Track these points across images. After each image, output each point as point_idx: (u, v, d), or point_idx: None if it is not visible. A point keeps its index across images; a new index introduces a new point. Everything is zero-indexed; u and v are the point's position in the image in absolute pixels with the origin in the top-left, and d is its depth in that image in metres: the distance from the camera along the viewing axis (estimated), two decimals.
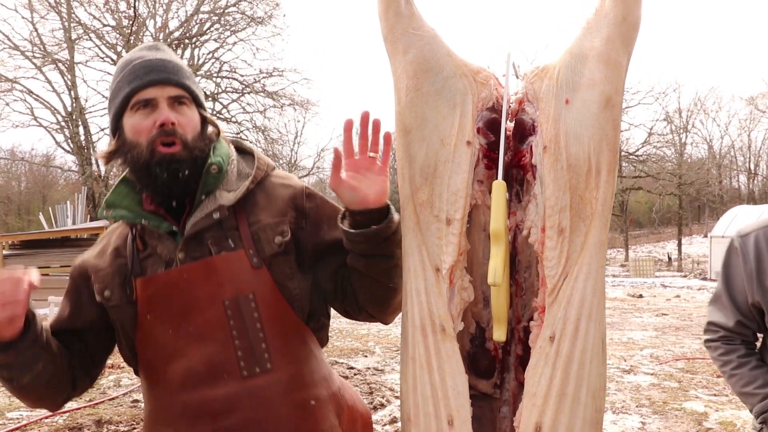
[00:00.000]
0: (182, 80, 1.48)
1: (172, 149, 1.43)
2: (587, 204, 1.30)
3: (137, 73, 1.46)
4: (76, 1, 27.79)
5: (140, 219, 1.48)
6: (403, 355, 1.39)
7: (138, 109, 1.45)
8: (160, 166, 1.42)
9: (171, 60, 1.50)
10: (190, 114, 1.49)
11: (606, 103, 1.31)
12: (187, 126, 1.46)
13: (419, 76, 1.38)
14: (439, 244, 1.33)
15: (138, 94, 1.44)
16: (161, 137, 1.43)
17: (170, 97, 1.46)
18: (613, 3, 1.35)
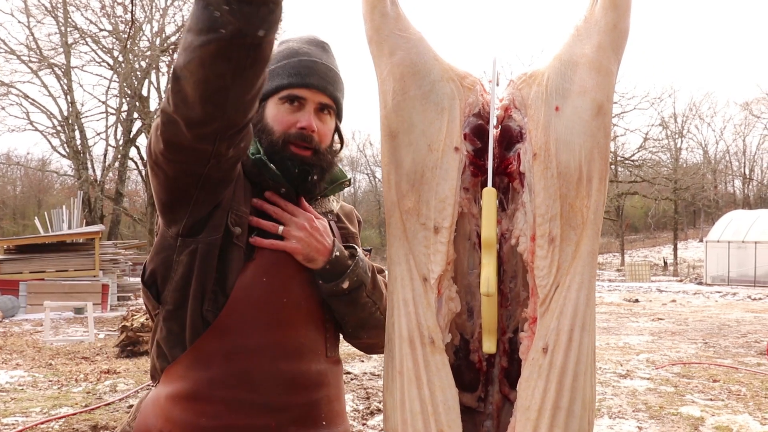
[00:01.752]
0: (335, 92, 1.53)
1: (304, 152, 1.49)
2: (578, 212, 1.27)
3: (301, 70, 1.49)
4: (72, 6, 27.76)
5: (281, 180, 1.49)
6: (389, 368, 1.34)
7: (286, 101, 1.49)
8: (292, 161, 1.48)
9: (333, 69, 1.55)
10: (330, 124, 1.55)
11: (598, 111, 1.28)
12: (324, 135, 1.52)
13: (406, 79, 1.34)
14: (426, 253, 1.29)
15: (293, 89, 1.48)
16: (298, 139, 1.48)
17: (319, 103, 1.50)
18: (603, 11, 1.32)
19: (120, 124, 29.28)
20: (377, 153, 55.63)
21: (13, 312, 13.79)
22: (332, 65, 1.55)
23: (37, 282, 15.13)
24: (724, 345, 9.53)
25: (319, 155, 1.51)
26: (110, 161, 29.60)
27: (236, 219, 1.44)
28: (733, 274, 24.51)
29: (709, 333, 10.87)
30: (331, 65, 1.55)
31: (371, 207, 57.98)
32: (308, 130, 1.47)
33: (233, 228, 1.43)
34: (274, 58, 1.52)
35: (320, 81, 1.50)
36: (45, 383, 6.97)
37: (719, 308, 15.42)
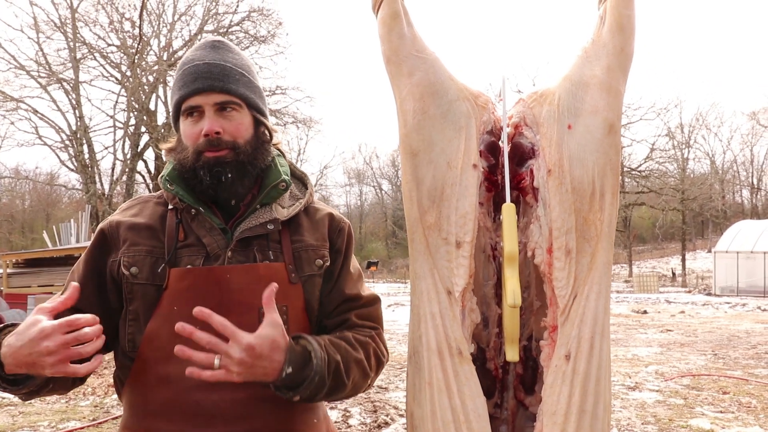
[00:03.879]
0: (228, 85, 1.46)
1: (219, 152, 1.43)
2: (591, 225, 1.33)
3: (186, 79, 1.47)
4: (81, 22, 28.08)
5: (198, 205, 1.46)
6: (417, 380, 1.38)
7: (188, 115, 1.47)
8: (203, 169, 1.43)
9: (224, 64, 1.48)
10: (239, 118, 1.47)
11: (609, 129, 1.35)
12: (235, 132, 1.45)
13: (426, 99, 1.40)
14: (449, 267, 1.35)
15: (185, 101, 1.46)
16: (207, 146, 1.43)
17: (216, 103, 1.45)
18: (610, 34, 1.40)
19: (128, 138, 29.49)
20: (383, 165, 55.74)
21: None
22: (223, 60, 1.48)
23: (45, 296, 15.18)
24: (733, 356, 9.48)
25: (236, 151, 1.44)
26: (118, 175, 29.79)
27: (129, 260, 1.44)
28: (742, 284, 24.39)
29: (718, 344, 10.82)
30: (222, 61, 1.48)
31: (378, 219, 58.04)
32: (211, 134, 1.42)
33: (128, 271, 1.43)
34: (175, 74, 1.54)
35: (207, 82, 1.44)
36: (53, 398, 6.99)
37: (728, 319, 15.34)
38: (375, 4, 1.48)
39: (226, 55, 1.50)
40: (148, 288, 1.42)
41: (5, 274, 15.77)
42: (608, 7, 1.43)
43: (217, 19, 30.24)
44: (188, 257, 1.44)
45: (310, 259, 1.50)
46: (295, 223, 1.54)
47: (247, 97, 1.49)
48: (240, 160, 1.44)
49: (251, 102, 1.50)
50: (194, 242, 1.46)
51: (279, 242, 1.49)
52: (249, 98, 1.49)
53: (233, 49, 1.53)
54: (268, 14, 30.10)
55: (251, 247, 1.47)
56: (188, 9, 30.04)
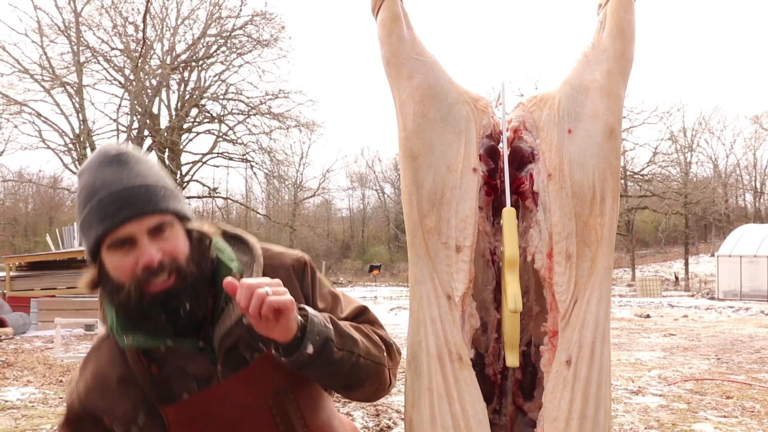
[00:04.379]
0: (159, 205, 1.32)
1: (166, 283, 1.29)
2: (591, 230, 1.33)
3: (107, 210, 1.29)
4: (84, 25, 28.17)
5: (164, 341, 1.33)
6: (416, 386, 1.37)
7: (115, 248, 1.30)
8: (155, 306, 1.29)
9: (141, 183, 1.32)
10: (175, 236, 1.33)
11: (610, 134, 1.35)
12: (173, 251, 1.31)
13: (426, 102, 1.39)
14: (449, 271, 1.34)
15: (111, 234, 1.29)
16: (150, 278, 1.28)
17: (148, 228, 1.30)
18: (611, 38, 1.40)
19: (131, 141, 29.54)
20: (386, 169, 55.76)
21: (24, 329, 13.87)
22: (139, 178, 1.33)
23: (48, 299, 15.22)
24: (737, 361, 9.44)
25: (182, 273, 1.31)
26: None
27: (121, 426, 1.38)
28: (745, 288, 24.31)
29: (721, 348, 10.78)
30: (138, 179, 1.32)
31: (380, 223, 58.04)
32: (152, 265, 1.28)
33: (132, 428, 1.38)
34: (78, 201, 1.37)
35: (133, 209, 1.29)
36: (56, 400, 6.99)
37: (732, 323, 15.29)
38: (375, 7, 1.47)
39: (140, 170, 1.34)
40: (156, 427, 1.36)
41: (8, 277, 15.82)
42: (608, 11, 1.43)
43: (220, 23, 30.33)
44: (179, 388, 1.37)
45: None
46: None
47: (177, 210, 1.36)
48: (189, 283, 1.31)
49: (181, 214, 1.37)
50: (176, 371, 1.38)
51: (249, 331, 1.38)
52: (178, 211, 1.36)
53: (140, 158, 1.38)
54: (271, 18, 30.20)
55: (237, 350, 1.38)
56: (191, 13, 30.14)
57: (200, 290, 1.34)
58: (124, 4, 28.07)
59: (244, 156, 32.87)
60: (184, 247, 1.34)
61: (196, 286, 1.33)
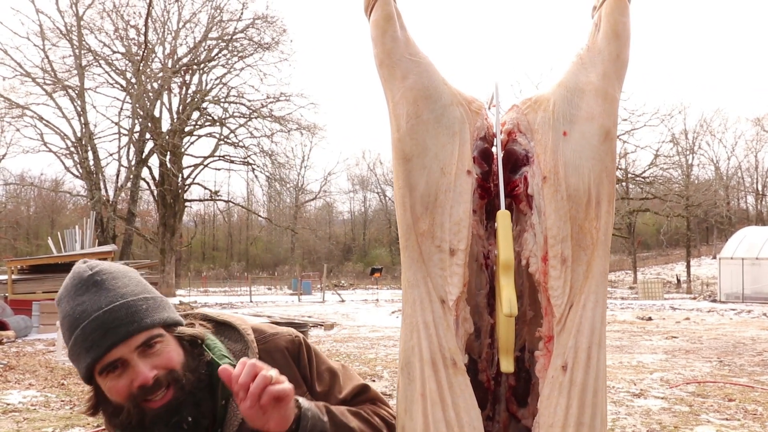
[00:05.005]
0: (143, 322, 1.29)
1: (165, 398, 1.27)
2: (587, 234, 1.31)
3: (91, 338, 1.27)
4: (86, 29, 28.25)
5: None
6: (409, 391, 1.34)
7: (107, 373, 1.28)
8: (158, 424, 1.27)
9: (121, 303, 1.29)
10: (166, 348, 1.31)
11: (606, 136, 1.33)
12: (167, 363, 1.29)
13: (419, 103, 1.37)
14: (442, 275, 1.32)
15: (101, 362, 1.27)
16: (147, 396, 1.27)
17: (136, 348, 1.28)
18: (606, 41, 1.38)
19: (132, 144, 29.59)
20: (387, 172, 55.74)
21: (26, 332, 13.86)
22: (118, 298, 1.30)
23: (50, 302, 15.21)
24: (739, 363, 9.42)
25: (179, 383, 1.29)
26: (122, 181, 29.89)
27: None
28: (747, 291, 24.26)
29: (723, 351, 10.75)
30: (117, 300, 1.30)
31: (381, 225, 58.02)
32: (148, 383, 1.26)
33: None
34: (63, 334, 1.34)
35: (117, 333, 1.26)
36: (57, 403, 6.99)
37: (734, 326, 15.25)
38: (367, 7, 1.45)
39: (117, 289, 1.32)
40: None
41: (10, 280, 15.84)
42: (603, 14, 1.41)
43: (222, 26, 30.39)
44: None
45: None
46: None
47: (163, 320, 1.33)
48: (189, 391, 1.29)
49: (169, 323, 1.35)
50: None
51: None
52: (165, 321, 1.34)
53: (115, 274, 1.35)
54: (273, 21, 30.27)
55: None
56: (193, 16, 30.22)
57: (201, 397, 1.32)
58: (125, 7, 28.17)
59: (246, 159, 32.92)
60: (177, 356, 1.32)
61: (196, 394, 1.31)
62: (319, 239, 53.32)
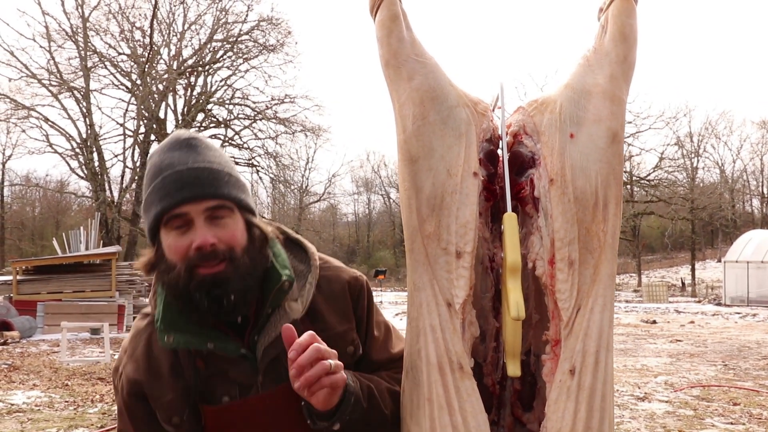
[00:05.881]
0: (219, 190, 1.32)
1: (215, 268, 1.28)
2: (594, 236, 1.30)
3: (168, 188, 1.30)
4: (92, 31, 28.33)
5: (205, 344, 1.32)
6: (415, 396, 1.32)
7: (172, 226, 1.30)
8: (199, 290, 1.28)
9: (206, 166, 1.33)
10: (233, 225, 1.32)
11: (613, 139, 1.32)
12: (230, 240, 1.31)
13: (426, 104, 1.36)
14: (449, 278, 1.30)
15: (170, 212, 1.30)
16: (202, 261, 1.28)
17: (207, 209, 1.30)
18: (613, 43, 1.38)
19: (137, 146, 29.67)
20: (392, 174, 55.73)
21: (30, 332, 13.90)
22: (205, 162, 1.33)
23: (55, 303, 15.26)
24: (744, 367, 9.38)
25: (235, 263, 1.29)
26: (127, 183, 29.96)
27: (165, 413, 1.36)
28: (752, 294, 24.15)
29: (728, 355, 10.71)
30: (203, 163, 1.33)
31: (386, 227, 57.99)
32: (205, 247, 1.27)
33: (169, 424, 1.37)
34: (144, 181, 1.38)
35: (193, 190, 1.29)
36: (61, 404, 7.00)
37: (739, 329, 15.19)
38: (373, 7, 1.44)
39: (207, 154, 1.35)
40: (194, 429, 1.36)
41: (15, 281, 15.86)
42: (610, 16, 1.41)
43: (227, 28, 30.45)
44: (221, 386, 1.36)
45: (341, 349, 1.35)
46: (314, 310, 1.41)
47: (239, 199, 1.35)
48: (240, 274, 1.30)
49: (243, 204, 1.36)
50: (220, 374, 1.36)
51: None
52: (241, 200, 1.36)
53: (210, 145, 1.40)
54: (278, 23, 30.29)
55: (280, 363, 1.34)
56: (198, 18, 30.28)
57: (249, 285, 1.32)
58: (131, 9, 28.25)
59: (250, 160, 32.95)
60: (241, 237, 1.33)
61: (246, 280, 1.31)
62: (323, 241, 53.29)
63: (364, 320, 1.48)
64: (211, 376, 1.36)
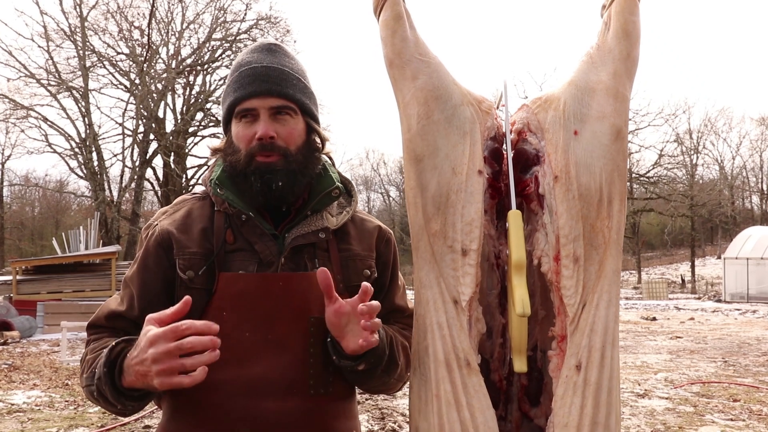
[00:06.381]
0: (285, 90, 1.45)
1: (271, 158, 1.42)
2: (598, 233, 1.31)
3: (242, 81, 1.45)
4: (90, 30, 28.30)
5: (248, 211, 1.44)
6: (423, 393, 1.34)
7: (241, 117, 1.45)
8: (255, 174, 1.41)
9: (281, 68, 1.47)
10: (293, 124, 1.46)
11: (617, 135, 1.33)
12: (288, 137, 1.44)
13: (430, 104, 1.37)
14: (455, 275, 1.32)
15: (240, 104, 1.44)
16: (260, 150, 1.42)
17: (272, 107, 1.43)
18: (616, 39, 1.39)
19: (136, 145, 29.65)
20: (391, 172, 55.74)
21: (30, 332, 13.90)
22: (281, 64, 1.47)
23: (54, 302, 15.26)
24: (744, 363, 9.39)
25: (288, 158, 1.43)
26: (126, 182, 29.95)
27: (185, 263, 1.42)
28: (752, 291, 24.19)
29: (728, 351, 10.73)
30: (279, 65, 1.47)
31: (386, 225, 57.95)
32: (265, 139, 1.41)
33: (184, 274, 1.41)
34: (229, 75, 1.52)
35: (264, 85, 1.43)
36: (62, 403, 7.01)
37: (739, 326, 15.21)
38: (377, 7, 1.45)
39: (283, 59, 1.49)
40: (201, 292, 1.40)
41: (15, 281, 15.86)
42: (613, 12, 1.41)
43: (225, 27, 30.41)
44: (240, 261, 1.43)
45: (357, 268, 1.51)
46: (343, 232, 1.53)
47: (303, 102, 1.48)
48: (291, 168, 1.42)
49: (306, 108, 1.49)
50: (245, 247, 1.44)
51: (327, 251, 1.49)
52: (304, 104, 1.48)
53: (289, 53, 1.53)
54: (276, 22, 30.25)
55: (301, 255, 1.46)
56: (197, 17, 30.24)
57: (297, 179, 1.44)
58: (129, 8, 28.22)
59: None
60: (299, 137, 1.47)
61: (295, 174, 1.44)
62: None
63: (389, 266, 1.60)
64: (236, 251, 1.44)
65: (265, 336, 1.39)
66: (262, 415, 1.37)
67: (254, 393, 1.37)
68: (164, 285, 1.45)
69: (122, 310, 1.46)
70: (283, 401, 1.38)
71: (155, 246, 1.46)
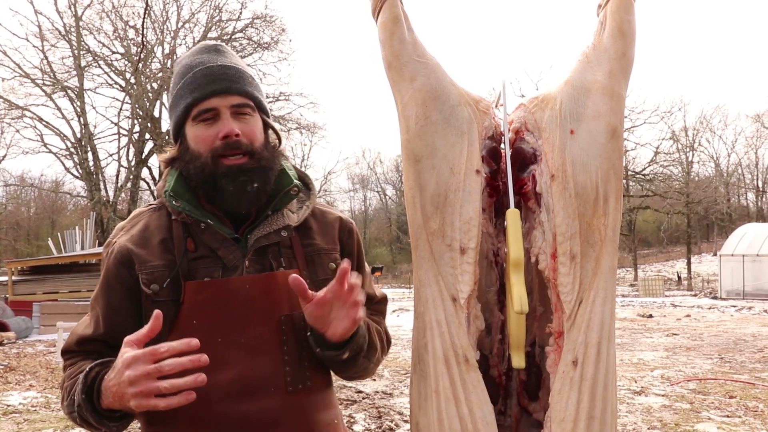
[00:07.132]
0: (245, 88, 1.44)
1: (239, 160, 1.40)
2: (595, 230, 1.33)
3: (198, 82, 1.42)
4: (85, 30, 28.22)
5: (206, 219, 1.42)
6: (422, 388, 1.37)
7: (200, 119, 1.42)
8: (226, 177, 1.39)
9: (233, 65, 1.46)
10: (253, 122, 1.45)
11: (612, 134, 1.36)
12: (251, 135, 1.43)
13: (428, 104, 1.39)
14: (453, 273, 1.34)
15: (199, 104, 1.41)
16: (226, 150, 1.39)
17: (233, 105, 1.42)
18: (612, 39, 1.41)
19: (132, 145, 29.60)
20: (387, 171, 55.78)
21: (26, 333, 13.87)
22: (234, 63, 1.47)
23: (51, 303, 15.23)
24: (740, 360, 9.43)
25: (255, 157, 1.41)
26: (122, 182, 29.90)
27: (148, 277, 1.40)
28: (748, 287, 24.27)
29: (724, 348, 10.77)
30: (230, 63, 1.46)
31: (382, 224, 58.03)
32: (231, 136, 1.39)
33: (149, 289, 1.40)
34: (173, 82, 1.49)
35: (223, 84, 1.42)
36: (58, 404, 6.98)
37: (735, 323, 15.27)
38: (375, 9, 1.47)
39: (234, 59, 1.49)
40: (168, 305, 1.39)
41: (10, 281, 15.85)
42: (609, 12, 1.43)
43: (221, 26, 30.37)
44: (205, 269, 1.42)
45: (323, 263, 1.51)
46: (305, 227, 1.52)
47: (259, 100, 1.48)
48: (262, 166, 1.42)
49: (262, 106, 1.49)
50: (208, 253, 1.43)
51: (291, 248, 1.48)
52: (261, 101, 1.49)
53: (233, 52, 1.52)
54: (271, 21, 30.23)
55: (266, 255, 1.45)
56: (192, 16, 30.19)
57: (269, 177, 1.44)
58: (124, 8, 28.15)
59: None
60: (260, 135, 1.46)
61: (267, 173, 1.43)
62: None
63: (354, 255, 1.58)
64: (198, 258, 1.42)
65: (238, 339, 1.39)
66: (244, 417, 1.37)
67: (233, 397, 1.38)
68: (129, 302, 1.43)
69: (89, 333, 1.45)
70: (263, 401, 1.39)
71: (115, 264, 1.44)
